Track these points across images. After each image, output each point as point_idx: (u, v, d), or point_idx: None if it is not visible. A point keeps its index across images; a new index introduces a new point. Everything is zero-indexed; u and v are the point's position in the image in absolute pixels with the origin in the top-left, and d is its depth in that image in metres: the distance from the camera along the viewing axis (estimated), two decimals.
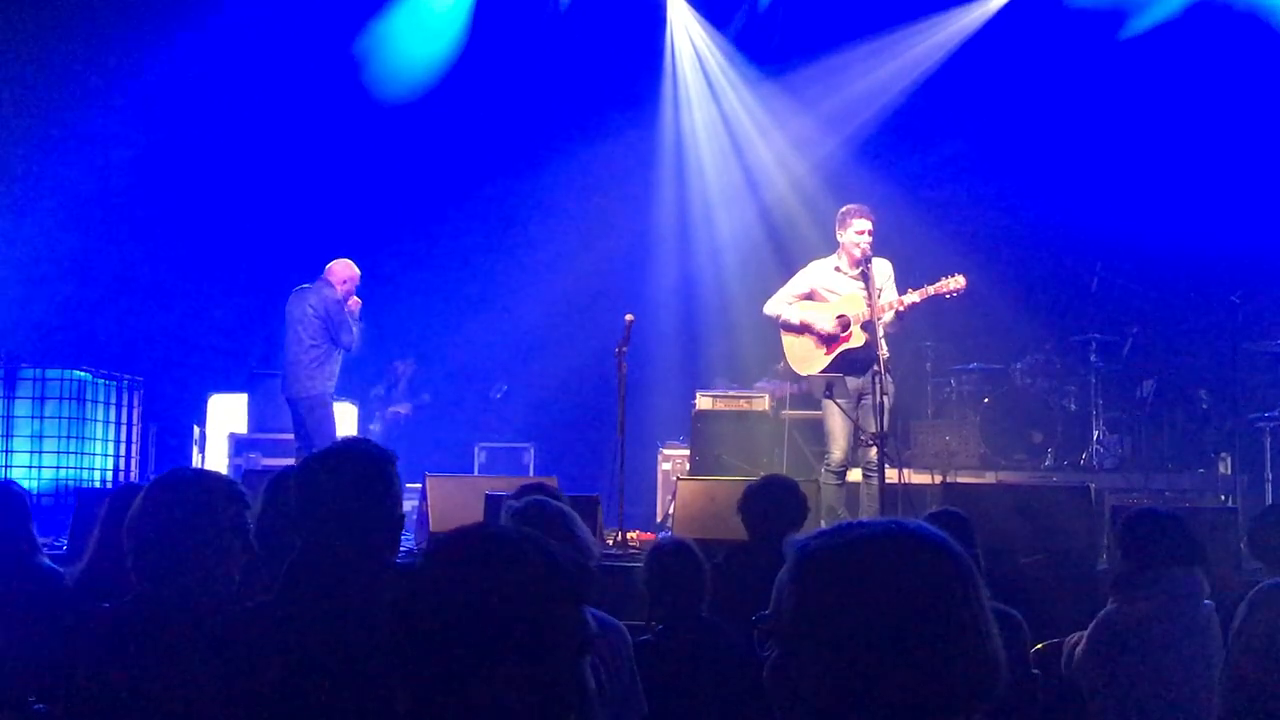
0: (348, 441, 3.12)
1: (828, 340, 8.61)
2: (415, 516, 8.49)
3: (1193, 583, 4.59)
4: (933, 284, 8.49)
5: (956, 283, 8.44)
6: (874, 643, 1.58)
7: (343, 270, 9.70)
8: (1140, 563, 4.63)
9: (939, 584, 1.62)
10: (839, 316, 8.58)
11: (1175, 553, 4.60)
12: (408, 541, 8.07)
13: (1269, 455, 9.84)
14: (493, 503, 4.65)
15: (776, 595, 1.68)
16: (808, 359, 8.72)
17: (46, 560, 4.58)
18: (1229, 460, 9.74)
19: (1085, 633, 4.77)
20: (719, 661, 4.38)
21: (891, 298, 8.53)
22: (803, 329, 8.69)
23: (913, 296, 8.49)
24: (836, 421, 8.48)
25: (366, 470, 2.96)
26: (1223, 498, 9.45)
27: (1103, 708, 4.62)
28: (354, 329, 9.67)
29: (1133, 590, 4.63)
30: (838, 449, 8.48)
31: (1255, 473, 9.92)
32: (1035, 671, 4.75)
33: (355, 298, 9.72)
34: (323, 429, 9.54)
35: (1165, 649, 4.51)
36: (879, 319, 8.30)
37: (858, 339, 8.50)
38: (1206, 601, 4.63)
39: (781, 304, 8.82)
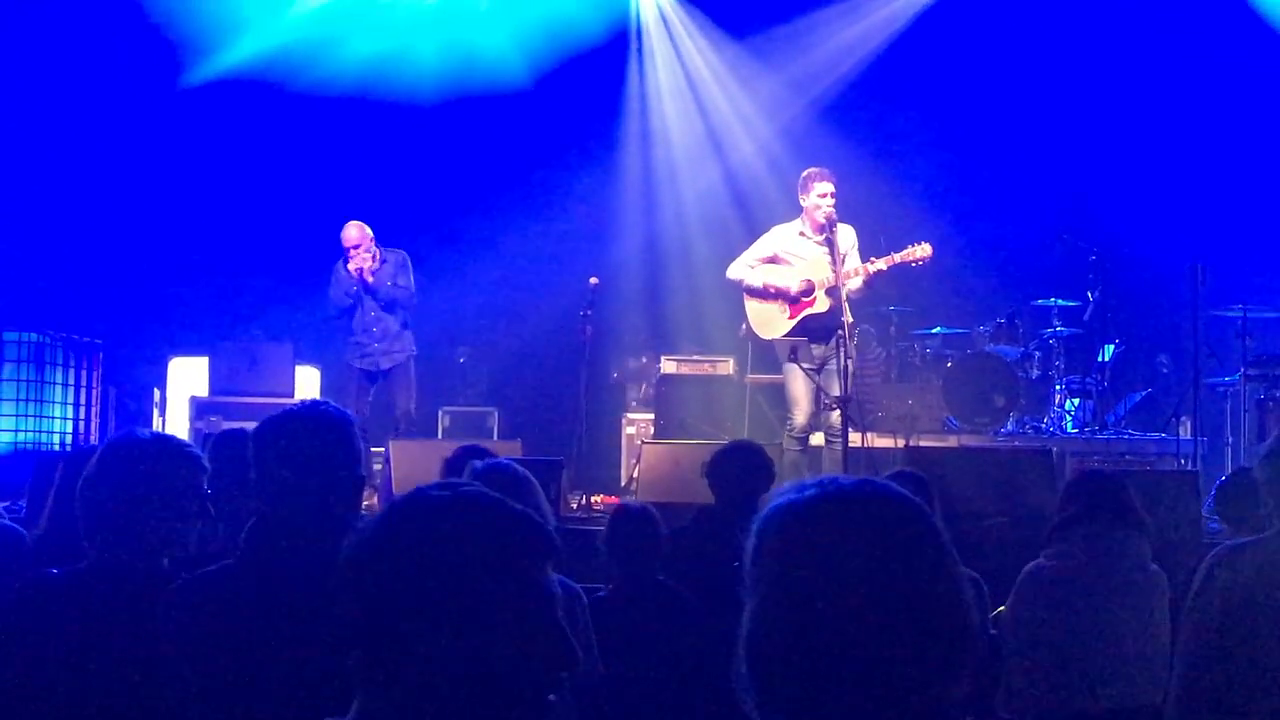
0: (304, 405, 3.08)
1: (791, 304, 8.60)
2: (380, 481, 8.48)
3: (1128, 544, 4.58)
4: (899, 252, 8.51)
5: (923, 251, 8.47)
6: (846, 602, 1.57)
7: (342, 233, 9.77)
8: (1074, 519, 4.66)
9: (913, 544, 1.61)
10: (803, 280, 8.56)
11: (1112, 513, 4.62)
12: None
13: (1229, 419, 9.94)
14: (452, 466, 4.65)
15: (750, 555, 1.67)
16: (770, 323, 8.70)
17: (6, 520, 4.53)
18: (1189, 424, 9.82)
19: None
20: (671, 624, 4.43)
21: (856, 264, 8.53)
22: (765, 293, 8.67)
23: (879, 264, 8.50)
24: (799, 386, 8.48)
25: (324, 433, 2.92)
26: (1182, 461, 9.52)
27: (1022, 664, 4.63)
28: (331, 292, 9.77)
29: (1063, 545, 4.65)
30: (800, 414, 8.49)
31: (1215, 436, 10.02)
32: (994, 633, 4.77)
33: (360, 256, 9.62)
34: None
35: (1093, 608, 4.51)
36: (844, 284, 8.31)
37: (822, 304, 8.49)
38: (1153, 567, 4.64)
39: (744, 268, 8.80)
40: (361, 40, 12.31)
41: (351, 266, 9.62)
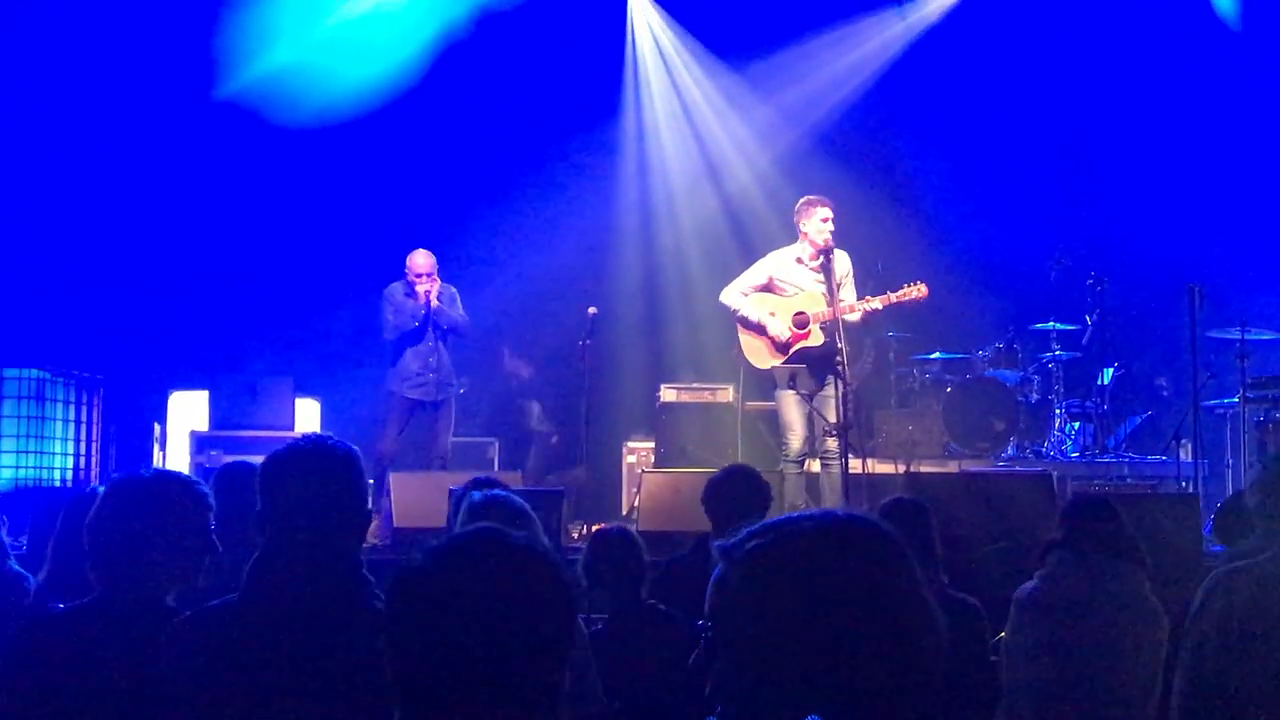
0: (308, 439, 3.09)
1: (785, 337, 8.59)
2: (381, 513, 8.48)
3: (1114, 571, 4.54)
4: (895, 291, 8.53)
5: (918, 291, 8.50)
6: (805, 639, 1.58)
7: (407, 260, 9.81)
8: (1058, 543, 4.65)
9: (869, 575, 1.62)
10: (797, 314, 8.57)
11: (1099, 539, 4.59)
12: None
13: (1229, 441, 9.94)
14: (457, 498, 4.66)
15: (709, 598, 1.70)
16: (763, 354, 8.71)
17: (15, 565, 4.54)
18: (1189, 447, 9.81)
19: None
20: (663, 647, 4.41)
21: (851, 298, 8.55)
22: (760, 325, 8.67)
23: (874, 303, 8.53)
24: (793, 411, 8.49)
25: (329, 467, 2.94)
26: (1183, 484, 9.52)
27: (1014, 685, 4.61)
28: (391, 316, 9.74)
29: (1046, 568, 4.64)
30: (795, 438, 8.49)
31: (1216, 459, 10.02)
32: (995, 659, 4.76)
33: (426, 282, 9.67)
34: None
35: (1071, 632, 4.49)
36: (839, 319, 8.31)
37: (816, 338, 8.50)
38: (1151, 601, 4.59)
39: (737, 296, 8.81)
40: (362, 66, 12.32)
41: (420, 289, 9.67)
